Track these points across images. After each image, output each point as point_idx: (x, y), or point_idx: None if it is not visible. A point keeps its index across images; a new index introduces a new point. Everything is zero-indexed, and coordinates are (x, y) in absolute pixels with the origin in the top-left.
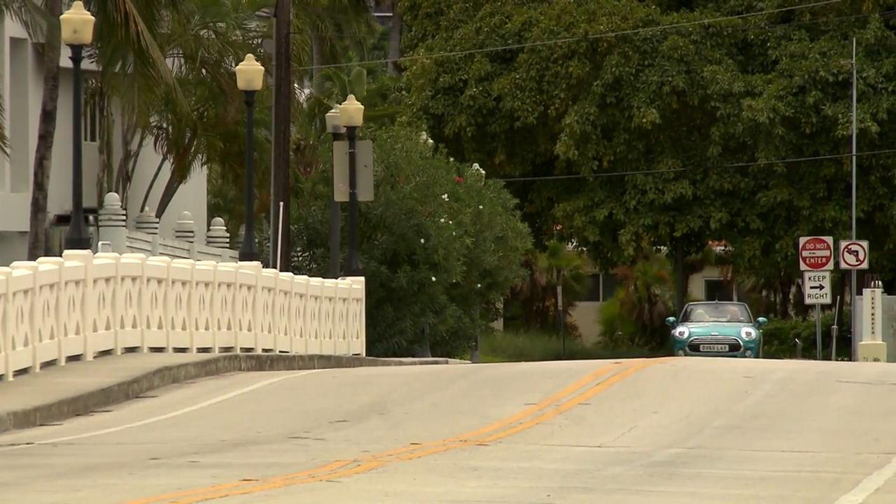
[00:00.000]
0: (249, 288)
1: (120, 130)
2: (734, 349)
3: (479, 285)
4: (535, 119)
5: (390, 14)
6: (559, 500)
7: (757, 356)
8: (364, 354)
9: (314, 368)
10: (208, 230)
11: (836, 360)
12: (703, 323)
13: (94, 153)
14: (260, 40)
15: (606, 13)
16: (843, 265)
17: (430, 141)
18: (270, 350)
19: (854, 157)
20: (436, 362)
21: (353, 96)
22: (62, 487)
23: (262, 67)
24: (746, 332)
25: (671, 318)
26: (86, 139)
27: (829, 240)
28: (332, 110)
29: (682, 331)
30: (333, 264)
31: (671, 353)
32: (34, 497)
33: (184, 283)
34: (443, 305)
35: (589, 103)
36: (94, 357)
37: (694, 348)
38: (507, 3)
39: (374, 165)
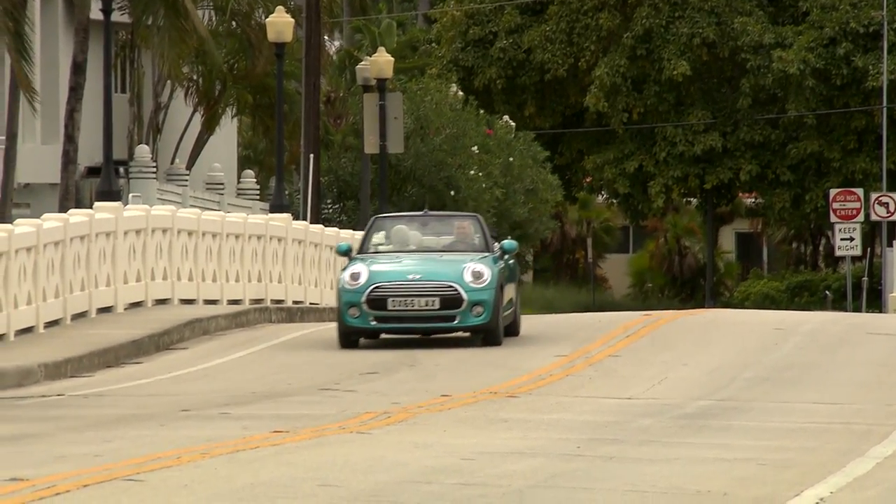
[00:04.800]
0: (280, 240)
1: (150, 82)
2: (450, 305)
3: (509, 237)
4: (565, 71)
5: None
6: (589, 451)
7: (492, 316)
8: None
9: None
10: (239, 182)
11: (867, 312)
12: (399, 255)
13: (124, 105)
14: None
15: None
16: (873, 217)
17: (460, 93)
18: (301, 302)
19: (885, 109)
20: None
21: (383, 49)
22: (93, 439)
23: (293, 20)
24: (475, 271)
25: (343, 245)
26: (116, 91)
27: (860, 192)
28: (363, 63)
29: (357, 272)
30: (363, 216)
31: (701, 304)
32: (65, 448)
33: (214, 236)
34: None
35: (619, 55)
36: (125, 309)
37: (376, 306)
38: None
39: (404, 117)
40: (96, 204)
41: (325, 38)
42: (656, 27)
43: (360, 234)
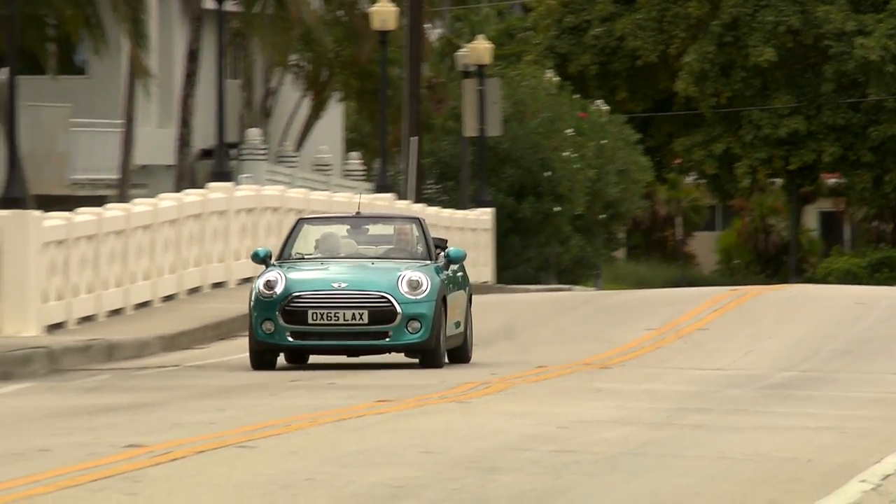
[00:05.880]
0: None
1: (260, 69)
2: (381, 319)
3: (602, 216)
4: (655, 58)
5: None
6: (678, 420)
7: (431, 333)
8: (493, 282)
9: None
10: (344, 164)
11: None
12: (325, 262)
13: (236, 91)
14: None
15: None
16: None
17: (556, 79)
18: None
19: None
20: (560, 290)
21: (482, 36)
22: (208, 407)
23: (396, 8)
24: (412, 280)
25: (260, 250)
26: (228, 77)
27: None
28: (462, 49)
29: (272, 280)
30: (463, 196)
31: (785, 280)
32: (182, 416)
33: None
34: (567, 235)
35: (707, 42)
36: (237, 284)
37: (294, 319)
38: None
39: (501, 102)
40: (209, 184)
41: (427, 25)
42: (743, 15)
43: (459, 214)
